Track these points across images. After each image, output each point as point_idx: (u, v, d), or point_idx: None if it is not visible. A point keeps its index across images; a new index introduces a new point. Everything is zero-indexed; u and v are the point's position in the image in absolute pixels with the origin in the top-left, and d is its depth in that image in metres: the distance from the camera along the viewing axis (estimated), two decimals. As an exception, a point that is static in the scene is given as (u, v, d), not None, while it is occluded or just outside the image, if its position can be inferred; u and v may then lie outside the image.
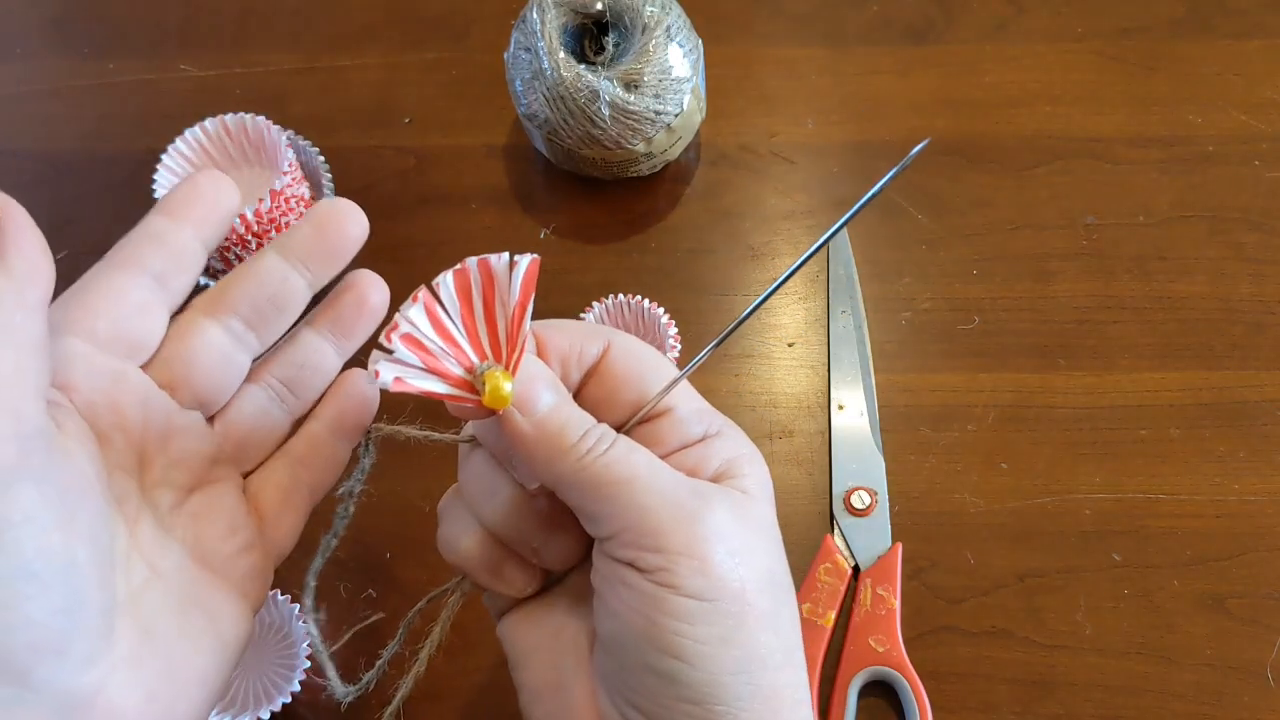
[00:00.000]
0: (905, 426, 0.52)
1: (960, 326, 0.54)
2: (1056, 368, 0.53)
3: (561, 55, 0.52)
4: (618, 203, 0.59)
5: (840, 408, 0.52)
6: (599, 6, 0.54)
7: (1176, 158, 0.59)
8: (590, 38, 0.55)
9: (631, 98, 0.52)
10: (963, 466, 0.51)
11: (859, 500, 0.49)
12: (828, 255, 0.57)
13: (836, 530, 0.49)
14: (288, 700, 0.44)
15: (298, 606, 0.45)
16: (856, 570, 0.48)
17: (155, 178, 0.53)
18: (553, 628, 0.31)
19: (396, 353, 0.27)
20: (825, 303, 0.55)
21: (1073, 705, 0.45)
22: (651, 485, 0.27)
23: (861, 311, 0.54)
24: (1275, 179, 0.58)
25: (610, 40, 0.54)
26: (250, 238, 0.51)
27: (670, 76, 0.52)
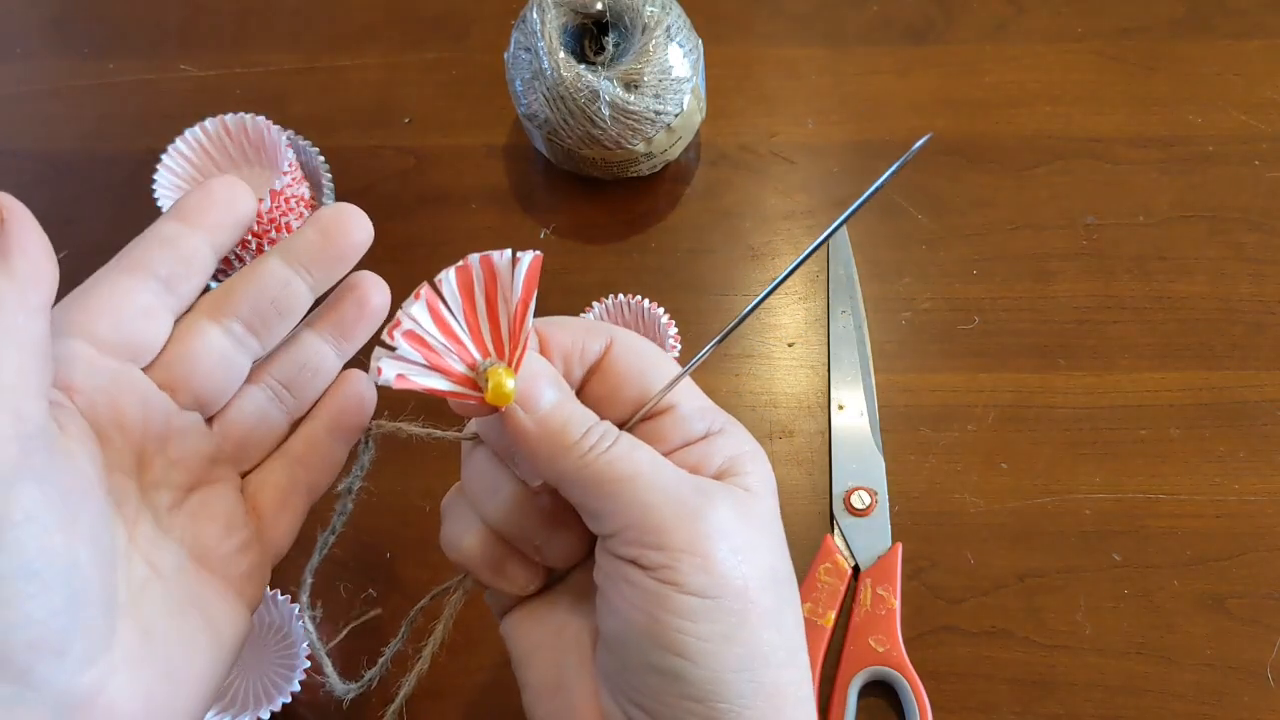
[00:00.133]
0: (905, 426, 0.52)
1: (960, 326, 0.54)
2: (1056, 368, 0.53)
3: (561, 55, 0.52)
4: (618, 203, 0.59)
5: (840, 408, 0.52)
6: (599, 6, 0.54)
7: (1176, 158, 0.59)
8: (590, 38, 0.55)
9: (631, 98, 0.52)
10: (963, 466, 0.51)
11: (859, 500, 0.49)
12: (827, 255, 0.57)
13: (836, 530, 0.49)
14: (288, 700, 0.43)
15: (298, 606, 0.45)
16: (856, 570, 0.48)
17: (155, 178, 0.53)
18: (555, 626, 0.31)
19: (399, 350, 0.27)
20: (825, 303, 0.55)
21: (1073, 705, 0.45)
22: (654, 482, 0.27)
23: (861, 311, 0.54)
24: (1275, 179, 0.58)
25: (610, 40, 0.54)
26: (250, 238, 0.51)
27: (670, 76, 0.52)
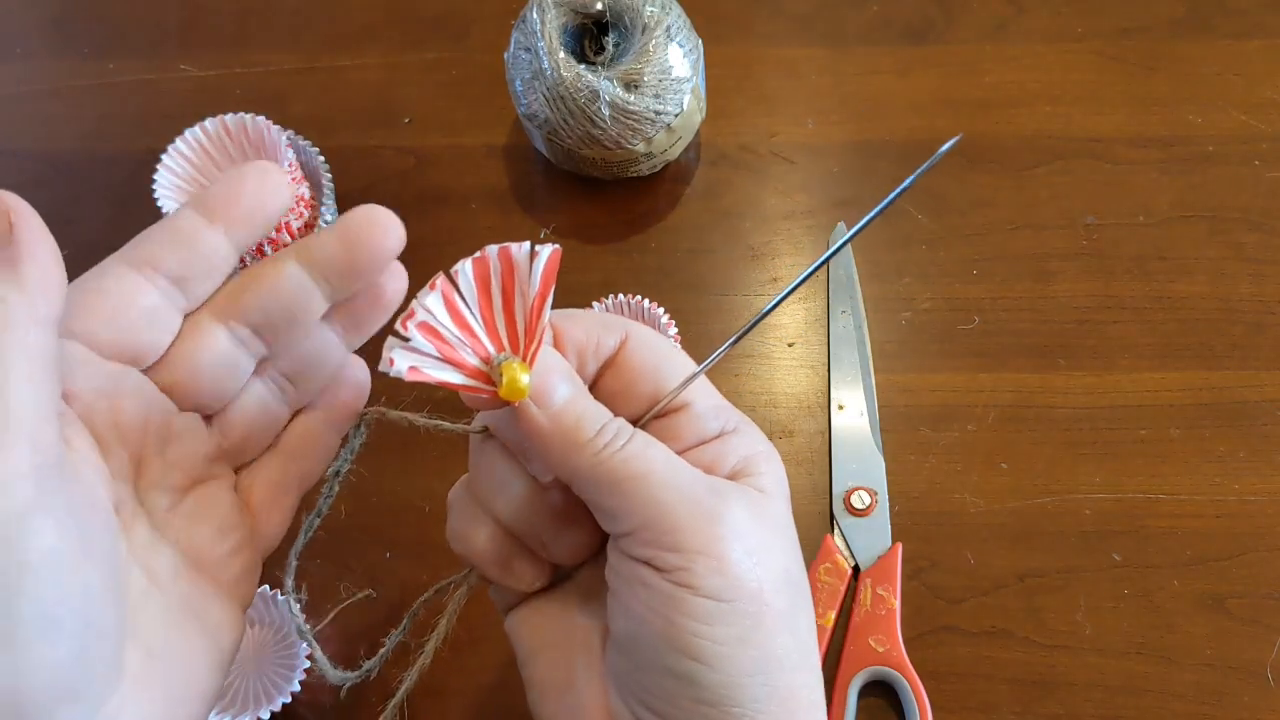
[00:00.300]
0: (905, 426, 0.52)
1: (960, 326, 0.54)
2: (1056, 368, 0.53)
3: (561, 55, 0.52)
4: (618, 203, 0.59)
5: (840, 408, 0.52)
6: (599, 6, 0.54)
7: (1176, 158, 0.59)
8: (590, 38, 0.55)
9: (631, 98, 0.52)
10: (963, 466, 0.51)
11: (859, 500, 0.49)
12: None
13: (836, 530, 0.49)
14: (288, 700, 0.43)
15: (288, 596, 0.45)
16: (856, 570, 0.48)
17: (155, 178, 0.53)
18: (563, 624, 0.30)
19: (412, 341, 0.26)
20: (825, 303, 0.55)
21: (1073, 705, 0.45)
22: (669, 481, 0.26)
23: (861, 311, 0.54)
24: (1275, 179, 0.58)
25: (610, 40, 0.54)
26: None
27: (670, 76, 0.52)
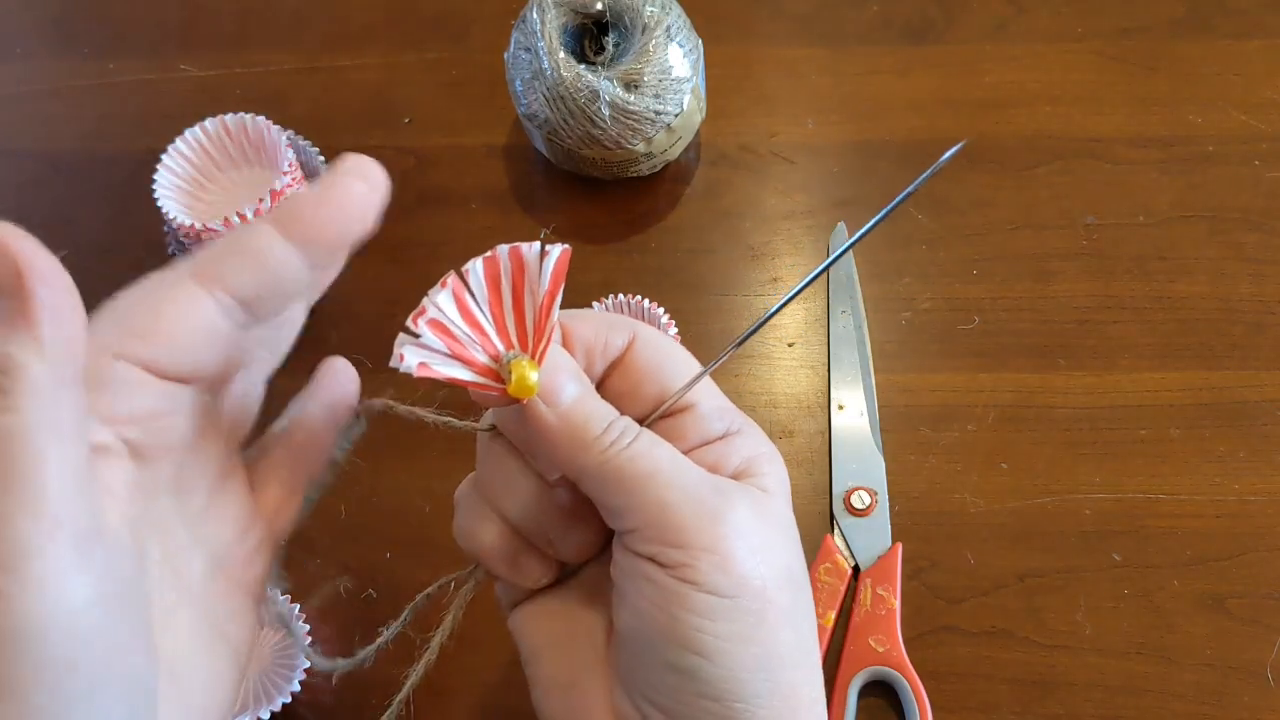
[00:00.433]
0: (905, 426, 0.52)
1: (960, 326, 0.54)
2: (1056, 368, 0.53)
3: (561, 55, 0.52)
4: (618, 203, 0.59)
5: (840, 408, 0.52)
6: (599, 6, 0.54)
7: (1176, 158, 0.59)
8: (590, 38, 0.55)
9: (631, 98, 0.52)
10: (963, 466, 0.51)
11: (859, 500, 0.49)
12: (828, 255, 0.57)
13: (836, 530, 0.49)
14: (288, 700, 0.44)
15: (298, 606, 0.45)
16: (856, 570, 0.48)
17: (155, 178, 0.53)
18: (567, 621, 0.30)
19: (423, 337, 0.26)
20: (825, 303, 0.55)
21: (1073, 705, 0.45)
22: (674, 480, 0.27)
23: (861, 311, 0.54)
24: (1275, 179, 0.58)
25: (610, 40, 0.54)
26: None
27: (670, 76, 0.52)
